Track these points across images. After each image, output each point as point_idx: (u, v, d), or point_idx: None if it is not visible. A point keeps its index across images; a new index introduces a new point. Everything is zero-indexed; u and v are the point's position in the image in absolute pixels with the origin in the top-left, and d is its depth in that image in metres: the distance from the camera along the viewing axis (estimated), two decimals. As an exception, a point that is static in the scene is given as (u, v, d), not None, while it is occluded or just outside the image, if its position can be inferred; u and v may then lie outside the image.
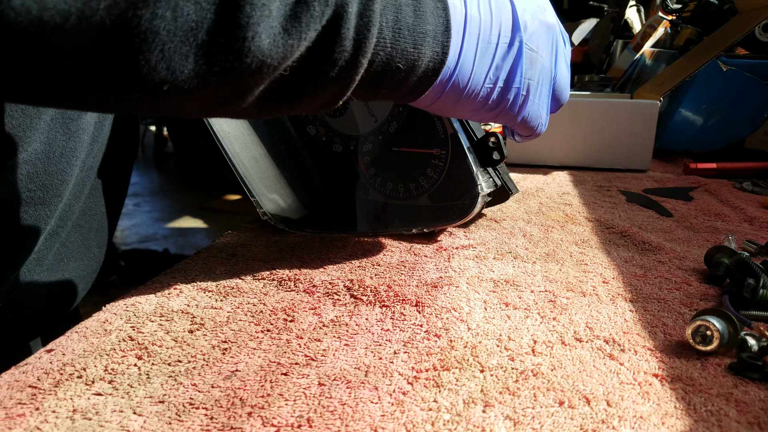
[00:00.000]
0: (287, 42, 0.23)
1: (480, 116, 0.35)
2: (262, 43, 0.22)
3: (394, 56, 0.28)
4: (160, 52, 0.20)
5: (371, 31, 0.26)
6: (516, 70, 0.33)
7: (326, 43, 0.25)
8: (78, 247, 0.44)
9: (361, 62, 0.26)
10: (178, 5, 0.20)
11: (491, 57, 0.32)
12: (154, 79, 0.21)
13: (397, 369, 0.26)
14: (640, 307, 0.33)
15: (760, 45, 0.77)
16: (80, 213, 0.44)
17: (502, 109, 0.34)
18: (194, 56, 0.21)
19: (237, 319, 0.31)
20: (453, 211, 0.44)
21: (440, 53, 0.30)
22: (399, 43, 0.28)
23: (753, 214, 0.52)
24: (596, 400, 0.24)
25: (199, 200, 2.55)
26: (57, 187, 0.39)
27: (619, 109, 0.70)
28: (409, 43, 0.28)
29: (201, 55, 0.21)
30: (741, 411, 0.23)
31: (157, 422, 0.22)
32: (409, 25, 0.28)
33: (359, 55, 0.26)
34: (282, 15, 0.23)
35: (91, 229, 0.46)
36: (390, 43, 0.27)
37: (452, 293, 0.34)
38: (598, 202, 0.57)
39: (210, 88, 0.23)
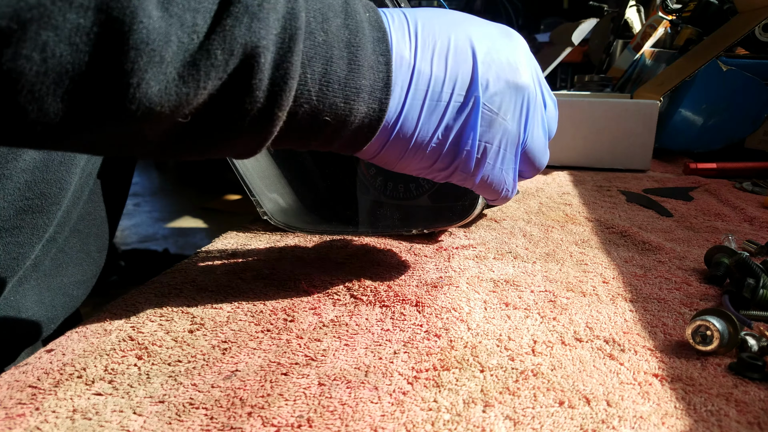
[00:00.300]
0: (181, 90, 0.22)
1: (431, 175, 0.33)
2: (150, 89, 0.21)
3: (322, 110, 0.27)
4: (29, 93, 0.19)
5: (288, 84, 0.25)
6: (468, 132, 0.31)
7: (234, 93, 0.24)
8: (77, 252, 0.44)
9: (277, 114, 0.25)
10: (47, 46, 0.19)
11: (440, 115, 0.30)
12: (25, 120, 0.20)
13: (397, 369, 0.26)
14: (640, 307, 0.33)
15: (760, 45, 0.77)
16: (79, 218, 0.44)
17: (454, 171, 0.32)
18: (70, 100, 0.20)
19: (237, 319, 0.31)
20: (453, 212, 0.44)
21: (377, 110, 0.28)
22: (327, 97, 0.26)
23: (753, 214, 0.52)
24: (596, 400, 0.24)
25: (199, 200, 2.55)
26: (56, 195, 0.39)
27: (619, 109, 0.70)
28: (339, 97, 0.27)
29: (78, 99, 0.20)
30: (741, 411, 0.23)
31: (157, 422, 0.22)
32: (340, 79, 0.27)
33: (275, 107, 0.25)
34: (179, 61, 0.21)
35: (90, 234, 0.46)
36: (315, 96, 0.26)
37: (452, 293, 0.34)
38: (598, 202, 0.57)
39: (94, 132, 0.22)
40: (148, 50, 0.20)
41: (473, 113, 0.30)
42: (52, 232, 0.41)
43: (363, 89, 0.27)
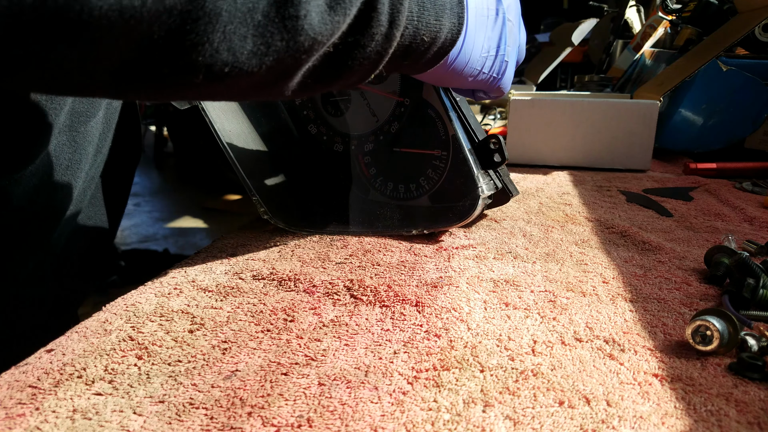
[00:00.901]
0: (334, 19, 0.24)
1: (471, 84, 0.38)
2: (313, 21, 0.23)
3: (420, 29, 0.30)
4: (222, 33, 0.21)
5: (404, 5, 0.27)
6: (501, 40, 0.36)
7: (365, 19, 0.26)
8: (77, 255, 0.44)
9: (395, 35, 0.28)
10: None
11: (484, 28, 0.34)
12: (216, 61, 0.21)
13: (397, 369, 0.26)
14: (640, 307, 0.33)
15: (760, 45, 0.77)
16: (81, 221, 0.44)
17: (488, 77, 0.37)
18: (252, 37, 0.22)
19: (237, 319, 0.31)
20: (453, 213, 0.44)
21: (457, 24, 0.32)
22: (424, 16, 0.29)
23: (753, 214, 0.52)
24: (596, 400, 0.24)
25: (199, 200, 2.55)
26: (61, 200, 0.39)
27: (619, 109, 0.70)
28: (432, 15, 0.30)
29: (259, 35, 0.22)
30: (741, 411, 0.23)
31: (157, 422, 0.22)
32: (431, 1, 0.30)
33: (393, 29, 0.27)
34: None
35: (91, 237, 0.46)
36: (416, 16, 0.29)
37: (452, 293, 0.34)
38: (598, 202, 0.57)
39: (265, 68, 0.23)
40: None
41: (503, 24, 0.36)
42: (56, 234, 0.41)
43: (446, 6, 0.31)
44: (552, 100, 0.72)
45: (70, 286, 0.45)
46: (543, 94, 0.77)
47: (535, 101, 0.72)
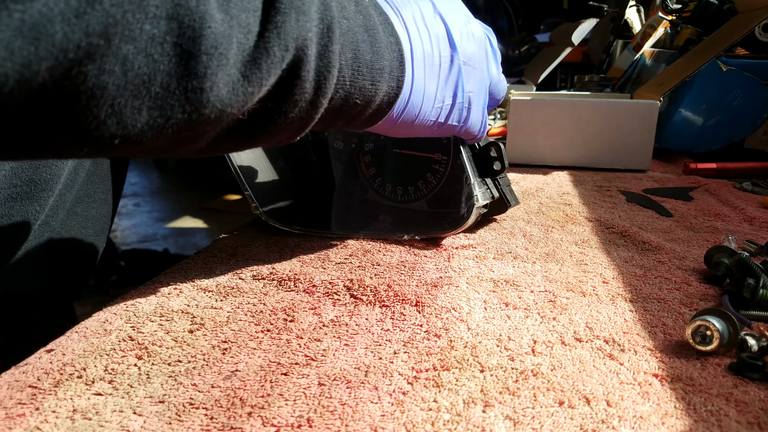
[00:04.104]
0: (247, 89, 0.23)
1: (429, 133, 0.37)
2: (221, 92, 0.21)
3: (353, 93, 0.28)
4: (109, 107, 0.19)
5: (331, 72, 0.26)
6: (458, 87, 0.35)
7: (286, 87, 0.25)
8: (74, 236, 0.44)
9: (321, 102, 0.26)
10: (127, 59, 0.19)
11: (436, 78, 0.33)
12: (103, 134, 0.20)
13: (397, 369, 0.26)
14: (640, 307, 0.33)
15: (760, 45, 0.77)
16: (75, 201, 0.43)
17: (448, 125, 0.36)
18: (148, 109, 0.20)
19: (237, 319, 0.31)
20: (447, 221, 0.44)
21: (395, 87, 0.31)
22: (357, 81, 0.28)
23: (753, 214, 0.52)
24: (596, 400, 0.24)
25: (199, 200, 2.55)
26: (46, 182, 0.38)
27: (619, 109, 0.70)
28: (368, 80, 0.29)
29: (156, 108, 0.20)
30: (741, 411, 0.23)
31: (157, 422, 0.22)
32: (367, 62, 0.28)
33: (320, 96, 0.26)
34: (240, 61, 0.22)
35: (89, 218, 0.45)
36: (349, 81, 0.28)
37: (452, 293, 0.34)
38: (598, 202, 0.57)
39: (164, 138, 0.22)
40: (217, 54, 0.21)
41: (459, 71, 0.34)
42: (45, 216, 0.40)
43: (384, 69, 0.29)
44: (552, 100, 0.72)
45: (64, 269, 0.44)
46: (543, 94, 0.77)
47: (535, 101, 0.72)
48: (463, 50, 0.34)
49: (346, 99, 0.28)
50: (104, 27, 0.18)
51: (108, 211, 0.47)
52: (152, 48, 0.19)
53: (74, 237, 0.44)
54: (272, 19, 0.23)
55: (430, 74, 0.33)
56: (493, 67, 0.39)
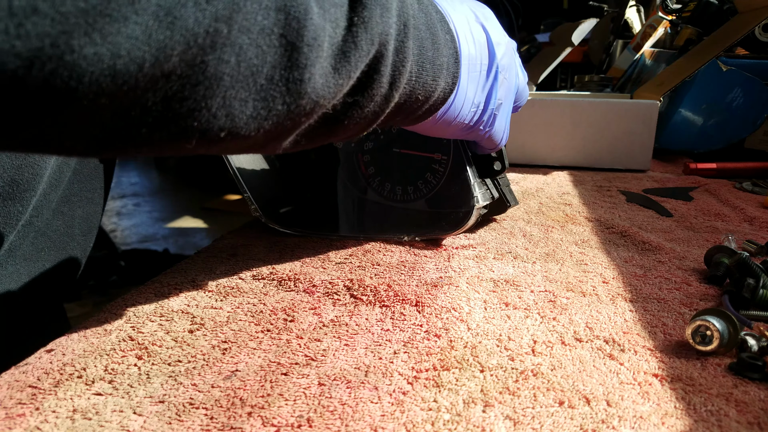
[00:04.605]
0: (337, 81, 0.23)
1: (458, 135, 0.37)
2: (317, 83, 0.22)
3: (417, 88, 0.29)
4: (222, 98, 0.19)
5: (405, 67, 0.26)
6: (492, 94, 0.35)
7: (367, 81, 0.25)
8: (60, 236, 0.43)
9: (393, 96, 0.27)
10: (242, 49, 0.19)
11: (476, 81, 0.34)
12: (213, 127, 0.20)
13: (397, 369, 0.26)
14: (640, 307, 0.33)
15: (760, 45, 0.77)
16: (61, 200, 0.42)
17: (476, 128, 0.37)
18: (253, 101, 0.20)
19: (237, 319, 0.31)
20: (447, 221, 0.44)
21: (451, 83, 0.31)
22: (422, 77, 0.29)
23: (753, 214, 0.52)
24: (596, 400, 0.24)
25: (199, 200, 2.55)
26: (29, 181, 0.38)
27: (619, 109, 0.70)
28: (430, 75, 0.29)
29: (260, 99, 0.21)
30: (741, 411, 0.23)
31: (157, 422, 0.22)
32: (430, 58, 0.29)
33: (393, 90, 0.27)
34: (331, 54, 0.22)
35: (75, 217, 0.44)
36: (415, 76, 0.28)
37: (452, 293, 0.34)
38: (598, 202, 0.57)
39: (263, 131, 0.22)
40: (316, 45, 0.21)
41: (495, 77, 0.35)
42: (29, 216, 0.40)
43: (443, 66, 0.30)
44: (552, 100, 0.72)
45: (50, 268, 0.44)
46: (543, 94, 0.77)
47: (535, 101, 0.72)
48: (500, 58, 0.35)
49: (410, 94, 0.29)
50: (229, 13, 0.18)
51: (96, 210, 0.47)
52: (262, 39, 0.19)
53: (60, 236, 0.43)
54: (360, 13, 0.23)
55: (472, 78, 0.33)
56: (520, 75, 0.40)
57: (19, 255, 0.40)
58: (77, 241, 0.45)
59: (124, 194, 2.79)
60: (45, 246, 0.42)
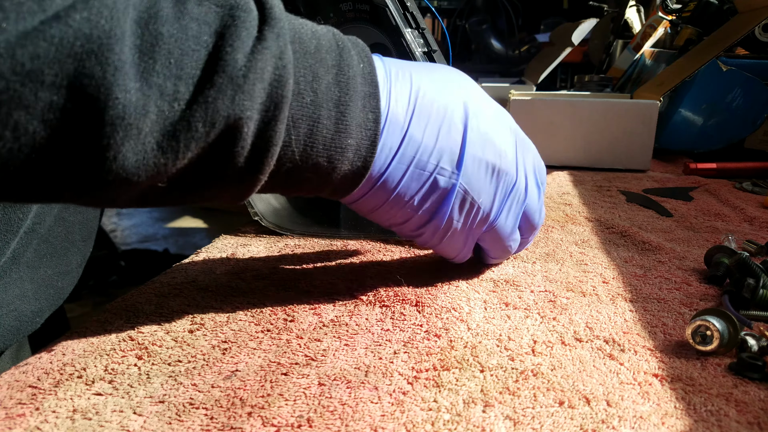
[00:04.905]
0: (159, 160, 0.22)
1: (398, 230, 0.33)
2: (127, 161, 0.21)
3: (305, 168, 0.27)
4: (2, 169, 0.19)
5: (271, 151, 0.25)
6: (443, 206, 0.31)
7: (214, 160, 0.24)
8: (61, 242, 0.43)
9: (257, 177, 0.25)
10: (19, 124, 0.19)
11: (420, 183, 0.30)
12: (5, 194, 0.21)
13: (397, 369, 0.26)
14: (640, 307, 0.33)
15: (760, 45, 0.77)
16: (62, 206, 0.43)
17: (420, 235, 0.33)
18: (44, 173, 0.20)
19: (237, 319, 0.31)
20: None
21: (360, 167, 0.28)
22: (311, 158, 0.26)
23: (753, 214, 0.52)
24: (596, 400, 0.24)
25: (199, 200, 2.55)
26: None
27: (619, 109, 0.70)
28: (323, 157, 0.27)
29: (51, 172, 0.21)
30: (741, 411, 0.23)
31: (157, 422, 0.22)
32: (326, 139, 0.26)
33: (255, 172, 0.25)
34: (158, 131, 0.21)
35: (74, 222, 0.44)
36: (299, 156, 0.26)
37: (452, 293, 0.34)
38: (598, 202, 0.57)
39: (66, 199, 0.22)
40: (124, 125, 0.20)
41: (451, 190, 0.30)
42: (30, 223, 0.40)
43: (348, 148, 0.27)
44: (552, 100, 0.72)
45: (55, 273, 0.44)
46: (543, 94, 0.77)
47: (535, 101, 0.72)
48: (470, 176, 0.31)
49: (297, 172, 0.27)
50: None
51: (95, 216, 0.47)
52: (50, 114, 0.19)
53: (61, 243, 0.43)
54: (204, 92, 0.22)
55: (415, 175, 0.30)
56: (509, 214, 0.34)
57: (23, 262, 0.40)
58: (77, 247, 0.45)
59: (124, 194, 2.78)
60: (47, 252, 0.42)
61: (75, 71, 0.19)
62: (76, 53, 0.19)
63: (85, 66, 0.19)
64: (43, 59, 0.18)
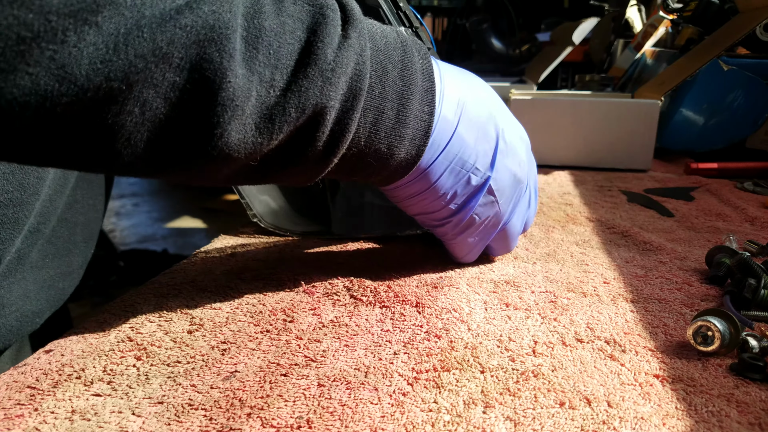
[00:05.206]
0: (257, 140, 0.24)
1: (422, 220, 0.36)
2: (231, 139, 0.23)
3: (368, 153, 0.29)
4: (126, 141, 0.21)
5: (345, 137, 0.27)
6: (470, 202, 0.34)
7: (299, 142, 0.26)
8: (64, 243, 0.43)
9: (331, 160, 0.28)
10: (147, 102, 0.21)
11: (456, 179, 0.33)
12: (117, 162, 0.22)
13: (397, 370, 0.26)
14: (641, 308, 0.32)
15: (761, 44, 0.77)
16: (65, 207, 0.43)
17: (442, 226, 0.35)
18: (160, 146, 0.22)
19: (236, 319, 0.31)
20: None
21: (413, 155, 0.31)
22: (373, 144, 0.29)
23: (754, 214, 0.52)
24: (597, 401, 0.23)
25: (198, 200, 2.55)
26: (34, 185, 0.38)
27: (620, 109, 0.70)
28: (384, 144, 0.29)
29: (166, 145, 0.23)
30: (742, 412, 0.23)
31: (156, 423, 0.22)
32: (387, 128, 0.29)
33: (330, 155, 0.27)
34: (257, 114, 0.24)
35: (77, 224, 0.45)
36: (364, 142, 0.29)
37: (452, 294, 0.34)
38: (599, 202, 0.57)
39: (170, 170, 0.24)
40: (233, 106, 0.22)
41: (481, 189, 0.34)
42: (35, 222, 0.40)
43: (405, 137, 0.30)
44: (553, 100, 0.72)
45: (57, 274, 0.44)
46: (544, 94, 0.77)
47: (536, 101, 0.71)
48: (497, 179, 0.34)
49: (360, 157, 0.29)
50: (124, 74, 0.19)
51: (97, 217, 0.47)
52: (172, 93, 0.21)
53: (64, 244, 0.44)
54: (298, 82, 0.24)
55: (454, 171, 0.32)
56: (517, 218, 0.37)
57: (28, 263, 0.40)
58: (79, 248, 0.45)
59: (123, 194, 2.79)
60: (50, 253, 0.42)
61: (197, 56, 0.21)
62: (201, 40, 0.21)
63: (206, 52, 0.21)
64: (176, 44, 0.20)
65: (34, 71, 0.18)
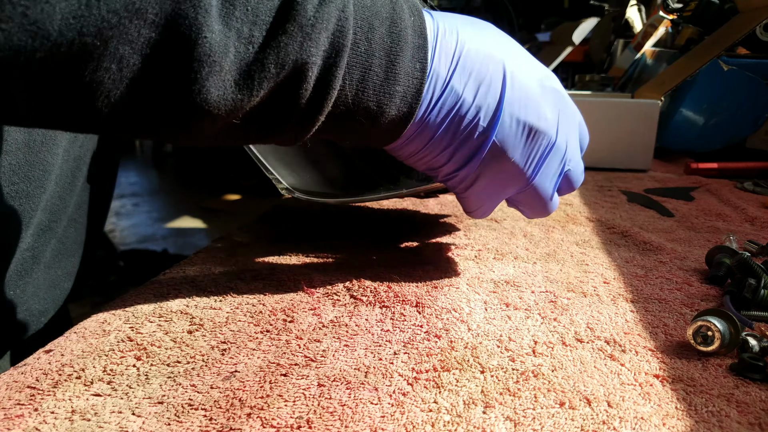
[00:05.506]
0: (236, 96, 0.24)
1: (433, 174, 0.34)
2: (210, 95, 0.23)
3: (356, 111, 0.29)
4: (105, 98, 0.21)
5: (330, 93, 0.27)
6: (473, 158, 0.32)
7: (281, 100, 0.26)
8: (72, 243, 0.44)
9: (317, 118, 0.27)
10: (123, 58, 0.21)
11: (453, 134, 0.31)
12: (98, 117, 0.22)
13: (397, 370, 0.26)
14: (641, 308, 0.32)
15: (761, 44, 0.77)
16: (75, 207, 0.43)
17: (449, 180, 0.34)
18: (138, 102, 0.23)
19: (236, 319, 0.31)
20: None
21: (406, 113, 0.30)
22: (362, 102, 0.28)
23: (754, 214, 0.52)
24: (597, 401, 0.23)
25: (198, 200, 2.55)
26: (39, 178, 0.38)
27: (620, 109, 0.70)
28: (373, 101, 0.29)
29: (145, 102, 0.23)
30: (742, 412, 0.23)
31: (156, 423, 0.22)
32: (375, 85, 0.28)
33: (315, 113, 0.27)
34: (236, 70, 0.24)
35: (84, 224, 0.45)
36: (351, 100, 0.28)
37: (452, 294, 0.34)
38: (599, 202, 0.57)
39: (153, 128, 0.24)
40: (209, 61, 0.22)
41: (483, 145, 0.31)
42: (47, 220, 0.40)
43: (396, 94, 0.29)
44: (552, 100, 0.71)
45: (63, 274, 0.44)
46: (543, 94, 0.77)
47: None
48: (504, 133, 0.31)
49: (348, 115, 0.29)
50: (97, 30, 0.20)
51: (101, 219, 0.48)
52: (148, 49, 0.21)
53: (72, 244, 0.44)
54: (277, 38, 0.24)
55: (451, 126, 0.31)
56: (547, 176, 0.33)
57: (42, 262, 0.41)
58: (85, 249, 0.46)
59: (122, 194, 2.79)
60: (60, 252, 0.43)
61: (172, 11, 0.21)
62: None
63: (181, 7, 0.21)
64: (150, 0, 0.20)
65: (7, 27, 0.18)
